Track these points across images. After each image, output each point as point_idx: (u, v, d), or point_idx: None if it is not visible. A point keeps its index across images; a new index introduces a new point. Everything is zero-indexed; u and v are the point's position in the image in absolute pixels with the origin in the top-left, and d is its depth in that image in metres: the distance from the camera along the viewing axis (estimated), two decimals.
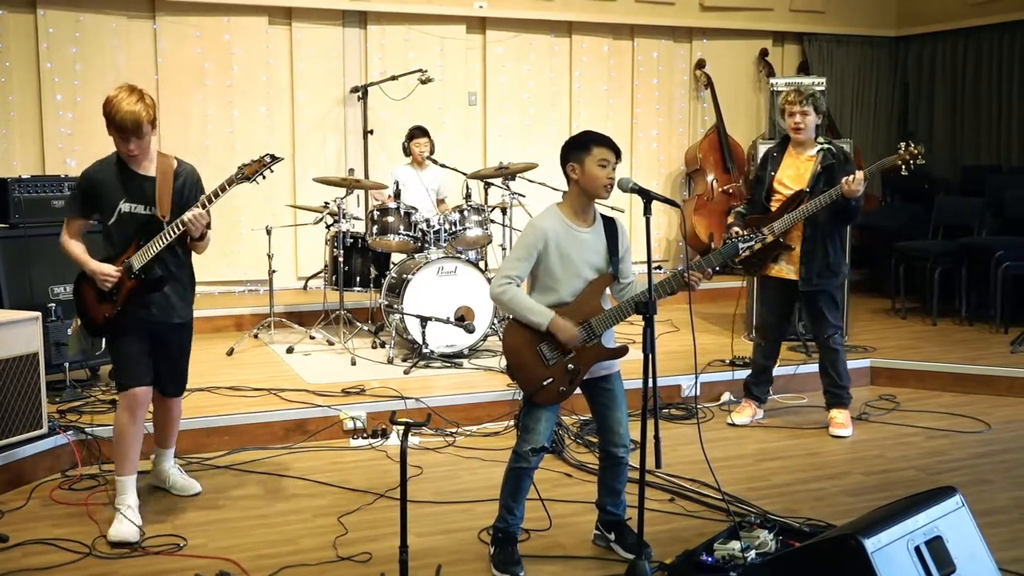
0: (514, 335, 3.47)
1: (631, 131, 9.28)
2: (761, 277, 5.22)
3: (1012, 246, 7.27)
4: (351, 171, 7.15)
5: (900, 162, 4.93)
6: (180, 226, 3.79)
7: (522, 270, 3.45)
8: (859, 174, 4.81)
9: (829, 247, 5.02)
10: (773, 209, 5.04)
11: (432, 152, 7.22)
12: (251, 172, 3.87)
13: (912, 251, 7.81)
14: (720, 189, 9.15)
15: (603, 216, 3.55)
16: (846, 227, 5.05)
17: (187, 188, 3.90)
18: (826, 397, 5.29)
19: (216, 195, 3.80)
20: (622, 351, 3.53)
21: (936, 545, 2.95)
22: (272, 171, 3.93)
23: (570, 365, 3.45)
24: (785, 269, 5.08)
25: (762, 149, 6.76)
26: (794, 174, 5.05)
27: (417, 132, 7.21)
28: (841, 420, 5.18)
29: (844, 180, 4.80)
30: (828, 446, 5.04)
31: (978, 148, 9.35)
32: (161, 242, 3.82)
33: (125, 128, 3.72)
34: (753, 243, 3.69)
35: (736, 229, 4.97)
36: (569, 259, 3.44)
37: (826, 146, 5.05)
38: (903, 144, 4.98)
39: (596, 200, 3.49)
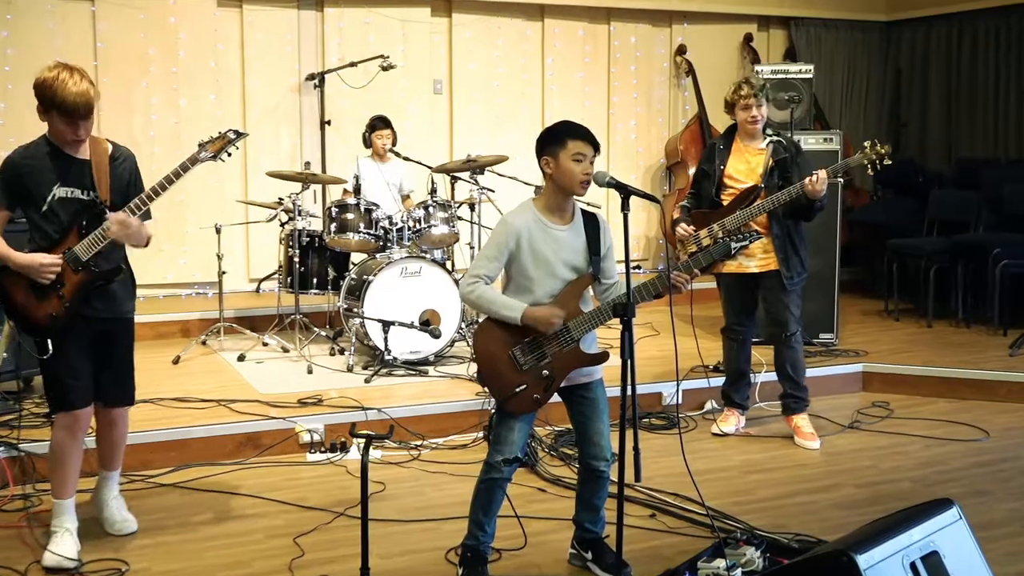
0: (485, 339, 3.47)
1: (607, 121, 9.31)
2: (717, 275, 5.27)
3: (1011, 243, 7.35)
4: (307, 164, 7.11)
5: (866, 162, 5.00)
6: (135, 209, 3.67)
7: (492, 269, 3.45)
8: (822, 173, 4.84)
9: (798, 241, 5.10)
10: (724, 204, 5.08)
11: (394, 144, 7.20)
12: (215, 150, 3.80)
13: (905, 249, 7.88)
14: (689, 189, 9.19)
15: (584, 212, 3.56)
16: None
17: (127, 172, 3.80)
18: (785, 403, 5.32)
19: (177, 175, 3.70)
20: (602, 356, 3.53)
21: (933, 561, 2.97)
22: (237, 148, 3.87)
23: (545, 371, 3.45)
24: (744, 264, 5.12)
25: None
26: (745, 168, 5.11)
27: (378, 123, 7.19)
28: (809, 430, 5.24)
29: (808, 180, 4.83)
30: (817, 457, 5.07)
31: (974, 139, 9.45)
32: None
33: (76, 112, 3.57)
34: (747, 243, 3.71)
35: (683, 226, 5.03)
36: (543, 258, 3.45)
37: (775, 138, 5.12)
38: (868, 143, 5.06)
39: (573, 196, 3.49)
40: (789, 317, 5.13)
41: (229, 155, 3.86)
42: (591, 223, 3.53)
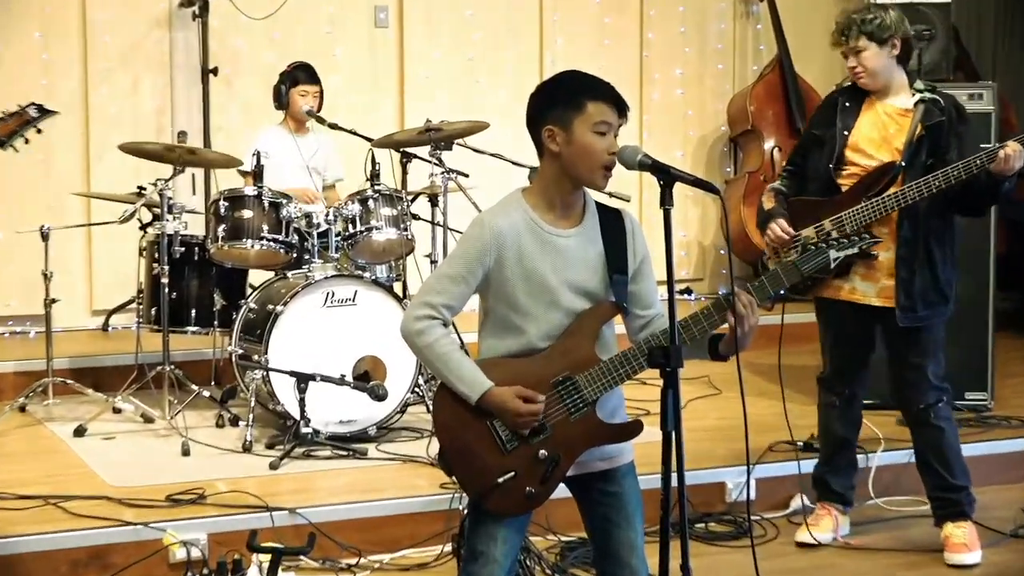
0: (452, 402, 3.45)
1: (639, 71, 9.33)
2: (821, 302, 5.28)
3: None
4: (182, 136, 7.11)
5: None
6: None
7: (455, 297, 3.43)
8: (1014, 145, 4.86)
9: (937, 254, 5.07)
10: (844, 188, 5.08)
11: (320, 108, 7.20)
12: (5, 133, 3.81)
13: None
14: (785, 163, 9.21)
15: (602, 208, 3.56)
16: (953, 226, 5.13)
17: None
18: (932, 505, 5.35)
19: None
20: (632, 429, 3.53)
21: None
22: (39, 131, 3.87)
23: (542, 451, 3.45)
24: (862, 289, 5.11)
25: None
26: (879, 137, 5.12)
27: (301, 74, 7.19)
28: (961, 538, 5.23)
29: (1003, 150, 4.83)
30: None
31: None
32: None
33: None
34: (854, 249, 3.68)
35: (779, 225, 4.99)
36: (540, 280, 3.44)
37: (928, 94, 5.12)
38: None
39: (587, 187, 3.50)
40: (923, 381, 5.13)
41: (26, 141, 3.85)
42: (613, 224, 3.52)
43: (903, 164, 5.02)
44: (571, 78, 3.50)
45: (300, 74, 7.20)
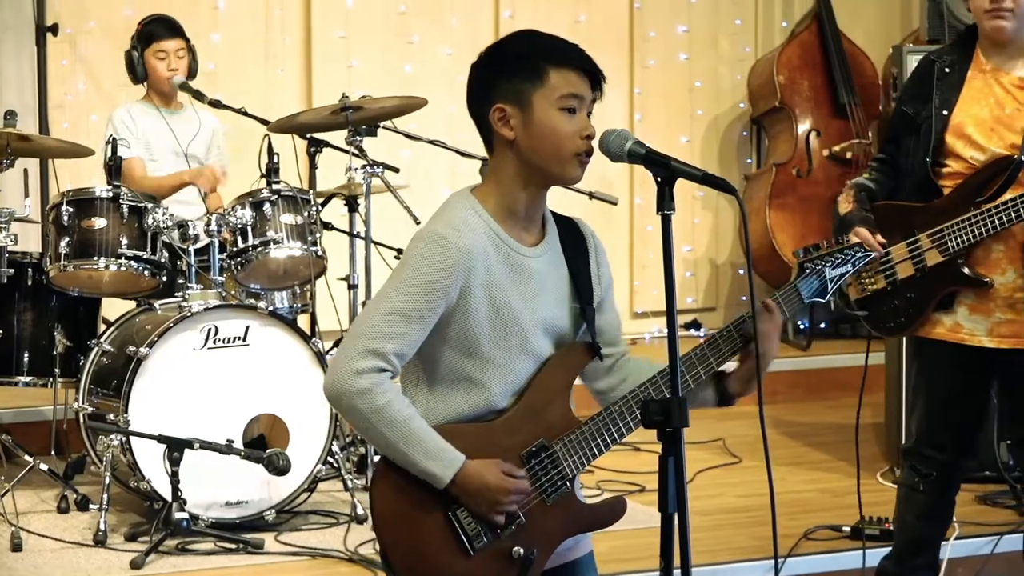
0: (400, 488, 3.44)
1: (629, 27, 9.37)
2: (917, 341, 5.30)
3: None
4: (8, 117, 7.11)
5: None
6: None
7: (411, 341, 3.38)
8: None
9: None
10: (946, 191, 5.06)
11: (192, 74, 7.21)
12: None
13: None
14: (826, 152, 9.26)
15: (556, 218, 3.58)
16: None
17: None
18: None
19: None
20: (613, 510, 3.57)
21: None
22: None
23: (516, 548, 3.45)
24: (969, 326, 5.10)
25: (913, 62, 6.87)
26: (991, 118, 5.07)
27: (156, 28, 7.18)
28: None
29: None
30: None
31: None
32: None
33: None
34: (848, 267, 3.66)
35: (862, 234, 4.90)
36: (511, 317, 3.44)
37: None
38: None
39: (559, 184, 3.51)
40: None
41: None
42: (573, 239, 3.56)
43: (1022, 159, 4.96)
44: (524, 39, 3.51)
45: (155, 28, 7.16)
